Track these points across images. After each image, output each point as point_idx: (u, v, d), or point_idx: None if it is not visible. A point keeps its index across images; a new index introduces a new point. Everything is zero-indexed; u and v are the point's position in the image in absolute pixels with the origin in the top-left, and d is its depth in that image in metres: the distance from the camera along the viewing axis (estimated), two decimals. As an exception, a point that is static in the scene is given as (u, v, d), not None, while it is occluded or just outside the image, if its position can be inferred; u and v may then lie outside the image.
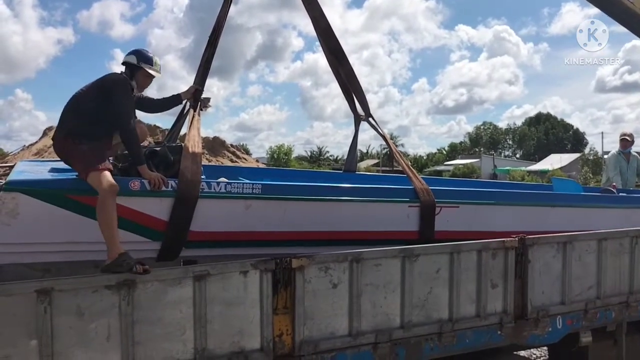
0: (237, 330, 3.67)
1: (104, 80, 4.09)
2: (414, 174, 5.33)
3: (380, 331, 4.12)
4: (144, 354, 3.40)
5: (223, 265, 3.63)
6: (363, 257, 4.00)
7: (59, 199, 3.81)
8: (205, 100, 5.12)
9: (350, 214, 4.75)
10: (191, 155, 4.23)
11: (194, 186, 4.07)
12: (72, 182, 3.91)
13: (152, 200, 4.01)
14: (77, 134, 3.85)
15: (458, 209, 5.18)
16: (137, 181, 3.95)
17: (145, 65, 4.26)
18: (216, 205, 4.23)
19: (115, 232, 3.58)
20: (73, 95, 4.12)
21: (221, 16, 5.26)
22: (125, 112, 3.95)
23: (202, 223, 4.17)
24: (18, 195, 3.71)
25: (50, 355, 3.15)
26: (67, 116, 4.01)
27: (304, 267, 3.80)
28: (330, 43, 5.79)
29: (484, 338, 4.60)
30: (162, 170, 4.20)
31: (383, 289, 4.11)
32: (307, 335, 3.87)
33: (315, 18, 5.67)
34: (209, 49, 5.21)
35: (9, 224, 3.69)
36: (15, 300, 3.10)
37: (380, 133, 6.19)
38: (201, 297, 3.52)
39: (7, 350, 3.08)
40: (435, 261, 4.31)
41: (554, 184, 8.03)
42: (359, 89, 5.97)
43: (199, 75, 5.18)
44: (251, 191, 4.33)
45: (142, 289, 3.38)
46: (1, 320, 3.07)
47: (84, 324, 3.24)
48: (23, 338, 3.11)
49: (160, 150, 4.38)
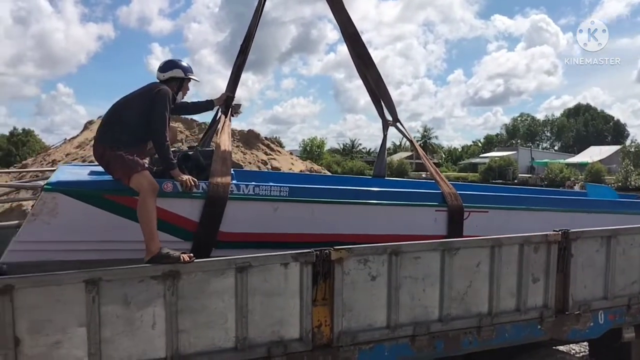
0: (277, 320, 3.73)
1: (147, 91, 4.21)
2: (442, 178, 5.32)
3: (418, 324, 4.12)
4: (187, 342, 3.49)
5: (264, 257, 3.68)
6: (402, 250, 4.00)
7: (97, 199, 3.97)
8: (236, 106, 5.27)
9: (377, 217, 4.77)
10: (221, 159, 4.38)
11: (223, 188, 4.19)
12: (109, 183, 4.04)
13: (184, 201, 4.15)
14: (117, 141, 3.99)
15: (487, 214, 5.14)
16: (170, 183, 4.08)
17: (190, 75, 4.48)
18: (245, 207, 4.33)
19: (155, 228, 3.72)
20: (115, 104, 4.28)
21: (252, 25, 5.38)
22: (163, 124, 4.08)
23: (232, 224, 4.27)
24: (58, 195, 3.87)
25: (98, 342, 3.26)
26: (108, 124, 4.16)
27: (343, 259, 3.83)
28: (358, 48, 5.79)
29: (523, 332, 4.55)
30: (194, 173, 4.33)
31: (422, 282, 4.10)
32: (345, 326, 3.91)
33: (342, 23, 5.68)
34: (241, 57, 5.35)
35: (49, 223, 3.85)
36: (65, 289, 3.21)
37: (408, 138, 6.19)
38: (243, 288, 3.58)
39: (57, 336, 3.20)
40: (475, 255, 4.27)
41: (588, 190, 7.89)
42: (386, 94, 5.97)
43: (230, 82, 5.33)
44: (279, 194, 4.43)
45: (187, 279, 3.47)
46: (52, 308, 3.19)
47: (130, 313, 3.34)
48: (72, 325, 3.23)
49: (192, 154, 4.56)
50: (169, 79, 4.37)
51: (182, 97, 4.57)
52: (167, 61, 4.49)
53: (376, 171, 6.65)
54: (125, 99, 4.29)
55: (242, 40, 5.37)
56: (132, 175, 3.82)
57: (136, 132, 4.06)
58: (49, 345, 3.18)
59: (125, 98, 4.29)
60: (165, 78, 4.37)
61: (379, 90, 5.93)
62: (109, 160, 3.99)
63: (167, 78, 4.37)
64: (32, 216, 3.88)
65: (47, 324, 3.17)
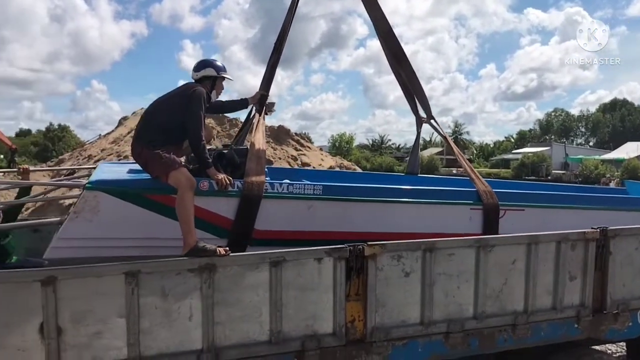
0: (310, 315, 3.76)
1: (183, 92, 4.29)
2: (477, 175, 5.25)
3: (452, 321, 4.10)
4: (223, 334, 3.55)
5: (298, 252, 3.71)
6: (436, 246, 3.98)
7: (137, 197, 4.05)
8: (270, 105, 5.32)
9: (411, 215, 4.74)
10: (256, 158, 4.43)
11: (258, 187, 4.23)
12: (149, 182, 4.12)
13: (219, 199, 4.20)
14: (154, 140, 4.07)
15: (524, 212, 5.06)
16: (206, 182, 4.14)
17: (223, 74, 4.53)
18: (279, 205, 4.36)
19: (192, 223, 3.79)
20: (152, 104, 4.40)
21: (286, 23, 5.38)
22: (198, 123, 4.14)
23: (266, 222, 4.31)
24: (99, 194, 3.96)
25: (137, 333, 3.34)
26: (145, 124, 4.27)
27: (377, 255, 3.83)
28: (392, 45, 5.74)
29: (560, 331, 4.48)
30: (229, 171, 4.39)
31: (456, 279, 4.08)
32: (378, 322, 3.91)
33: (376, 20, 5.64)
34: (274, 55, 5.37)
35: (91, 221, 3.95)
36: (105, 281, 3.30)
37: (442, 135, 6.13)
38: (277, 282, 3.62)
39: (98, 327, 3.29)
40: (511, 252, 4.22)
41: (627, 187, 7.65)
42: (420, 91, 5.91)
43: (264, 81, 5.35)
44: (312, 192, 4.44)
45: (222, 272, 3.52)
46: (93, 299, 3.28)
47: (168, 304, 3.41)
48: (112, 316, 3.31)
49: (227, 152, 4.62)
50: (201, 78, 4.45)
51: (217, 96, 4.62)
52: (200, 61, 4.57)
53: (409, 168, 6.61)
54: (162, 99, 4.39)
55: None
56: (170, 172, 3.90)
57: (172, 132, 4.13)
58: (90, 335, 3.27)
59: (162, 98, 4.39)
60: (199, 77, 4.45)
61: (413, 87, 5.88)
62: (146, 159, 4.08)
63: (200, 77, 4.45)
64: (74, 214, 3.98)
65: (89, 315, 3.26)
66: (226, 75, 4.55)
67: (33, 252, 5.55)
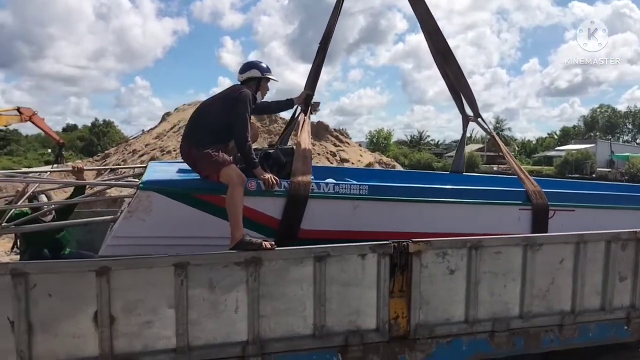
0: (354, 310, 3.77)
1: (229, 94, 4.37)
2: (526, 175, 5.14)
3: (497, 320, 4.06)
4: (267, 327, 3.60)
5: (342, 247, 3.73)
6: (483, 244, 3.94)
7: (188, 197, 4.15)
8: (315, 104, 5.31)
9: (458, 216, 4.68)
10: (302, 157, 4.46)
11: (304, 187, 4.26)
12: (199, 182, 4.21)
13: (266, 199, 4.25)
14: (202, 140, 4.17)
15: (574, 213, 4.94)
16: (253, 182, 4.19)
17: (268, 75, 4.57)
18: (325, 205, 4.37)
19: (240, 218, 3.87)
20: (200, 105, 4.51)
21: (331, 23, 5.37)
22: (244, 125, 4.20)
23: (312, 222, 4.33)
24: (152, 194, 4.07)
25: (185, 323, 3.43)
26: (193, 125, 4.37)
27: (421, 252, 3.82)
28: (438, 43, 5.66)
29: (608, 333, 4.39)
30: (275, 171, 4.43)
31: (503, 278, 4.03)
32: (422, 319, 3.90)
33: (422, 18, 5.57)
34: (320, 55, 5.37)
35: (144, 220, 4.06)
36: (155, 272, 3.40)
37: (490, 134, 6.00)
38: (321, 277, 3.65)
39: (148, 316, 3.39)
40: (559, 251, 4.14)
41: None
42: (467, 89, 5.80)
43: (309, 81, 5.37)
44: (358, 192, 4.44)
45: (268, 266, 3.57)
46: (143, 290, 3.38)
47: (215, 296, 3.49)
48: (162, 306, 3.41)
49: (273, 152, 4.65)
50: (247, 79, 4.52)
51: (262, 97, 4.66)
52: (245, 63, 4.64)
53: (454, 167, 6.52)
54: (209, 101, 4.51)
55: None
56: (221, 170, 3.99)
57: (220, 133, 4.22)
58: (141, 324, 3.37)
59: (210, 100, 4.51)
60: (244, 79, 4.52)
61: (460, 85, 5.79)
62: (195, 159, 4.18)
63: (245, 79, 4.52)
64: (128, 213, 4.10)
65: (140, 304, 3.37)
66: (270, 76, 4.60)
67: (84, 244, 5.76)
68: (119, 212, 5.00)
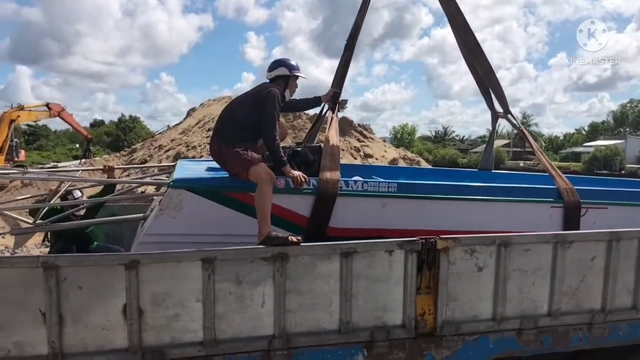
0: (380, 306, 3.76)
1: (258, 92, 4.38)
2: (558, 172, 5.06)
3: (525, 317, 4.01)
4: (294, 321, 3.61)
5: (370, 243, 3.72)
6: (512, 241, 3.88)
7: (218, 196, 4.19)
8: (343, 102, 5.31)
9: (488, 214, 4.63)
10: (330, 155, 4.45)
11: (333, 184, 4.26)
12: (228, 180, 4.25)
13: (295, 197, 4.27)
14: (231, 138, 4.20)
15: (606, 211, 4.85)
16: (282, 180, 4.21)
17: (296, 72, 4.58)
18: (353, 203, 4.37)
19: (268, 214, 3.90)
20: (229, 104, 4.55)
21: (359, 20, 5.35)
22: (272, 123, 4.22)
23: (341, 220, 4.33)
24: (183, 192, 4.13)
25: (212, 317, 3.46)
26: (222, 123, 4.40)
27: (449, 249, 3.78)
28: (467, 39, 5.60)
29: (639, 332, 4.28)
30: (303, 169, 4.44)
31: (532, 275, 3.97)
32: (449, 316, 3.87)
33: (450, 14, 5.52)
34: (347, 53, 5.35)
35: (174, 217, 4.12)
36: (183, 267, 3.42)
37: (520, 130, 5.91)
38: (347, 273, 3.64)
39: (176, 310, 3.43)
40: (590, 249, 4.07)
41: None
42: (496, 85, 5.73)
43: (337, 78, 5.36)
44: (387, 190, 4.42)
45: (294, 261, 3.58)
46: (172, 283, 3.41)
47: (242, 291, 3.51)
48: (190, 300, 3.44)
49: (301, 150, 4.65)
50: (275, 77, 4.54)
51: (290, 95, 4.67)
52: (274, 60, 4.66)
53: (482, 164, 6.45)
54: (238, 99, 4.55)
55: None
56: (250, 168, 4.03)
57: (248, 131, 4.24)
58: (169, 317, 3.41)
59: (239, 99, 4.55)
60: (272, 76, 4.55)
61: (489, 81, 5.72)
62: (225, 157, 4.22)
63: (273, 76, 4.54)
64: (159, 211, 4.17)
65: (167, 298, 3.40)
66: (299, 74, 4.60)
67: (112, 237, 5.86)
68: (149, 210, 5.07)
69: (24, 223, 4.76)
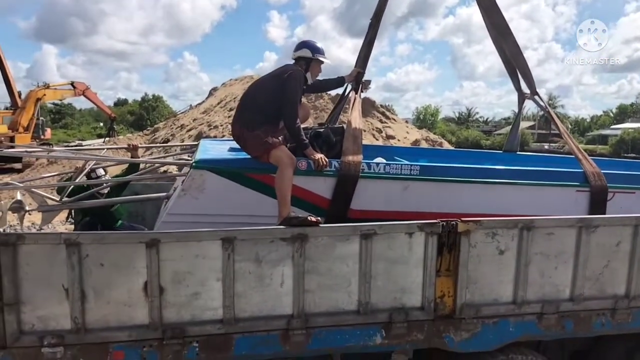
0: (399, 288, 3.75)
1: (280, 74, 4.35)
2: (584, 155, 4.94)
3: (547, 302, 3.96)
4: (312, 302, 3.63)
5: (390, 225, 3.69)
6: (535, 225, 3.82)
7: (239, 177, 4.21)
8: (366, 82, 5.24)
9: (513, 197, 4.55)
10: (352, 137, 4.41)
11: (355, 167, 4.24)
12: (250, 161, 4.25)
13: (316, 179, 4.26)
14: (253, 121, 4.20)
15: (634, 195, 4.74)
16: (304, 161, 4.20)
17: (319, 56, 4.53)
18: (375, 185, 4.34)
19: (289, 196, 3.95)
20: (251, 86, 4.54)
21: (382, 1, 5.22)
22: (293, 106, 4.21)
23: (362, 202, 4.31)
24: (205, 172, 4.15)
25: (232, 295, 3.48)
26: (244, 105, 4.39)
27: (470, 231, 3.74)
28: (494, 18, 5.43)
29: None
30: (325, 150, 4.41)
31: (554, 259, 3.91)
32: (469, 299, 3.85)
33: None
34: (371, 32, 5.26)
35: (197, 198, 4.16)
36: (203, 246, 3.45)
37: (547, 112, 5.77)
38: (367, 254, 3.63)
39: (196, 288, 3.46)
40: (616, 233, 3.99)
41: None
42: (524, 66, 5.56)
43: (360, 58, 5.28)
44: (409, 172, 4.38)
45: (313, 242, 3.57)
46: (192, 262, 3.44)
47: (261, 270, 3.53)
48: (210, 279, 3.47)
49: (323, 131, 4.61)
50: (298, 58, 4.52)
51: (313, 78, 4.63)
52: (300, 41, 4.63)
53: (507, 145, 6.30)
54: (260, 81, 4.54)
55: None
56: (271, 151, 4.05)
57: (269, 113, 4.24)
58: (189, 295, 3.45)
59: (260, 80, 4.54)
60: (295, 57, 4.53)
61: (517, 63, 5.57)
62: (246, 140, 4.23)
63: (296, 57, 4.53)
64: (182, 191, 4.20)
65: (188, 276, 3.43)
66: (321, 57, 4.55)
67: (135, 215, 5.93)
68: (172, 189, 5.12)
69: (50, 200, 4.86)
